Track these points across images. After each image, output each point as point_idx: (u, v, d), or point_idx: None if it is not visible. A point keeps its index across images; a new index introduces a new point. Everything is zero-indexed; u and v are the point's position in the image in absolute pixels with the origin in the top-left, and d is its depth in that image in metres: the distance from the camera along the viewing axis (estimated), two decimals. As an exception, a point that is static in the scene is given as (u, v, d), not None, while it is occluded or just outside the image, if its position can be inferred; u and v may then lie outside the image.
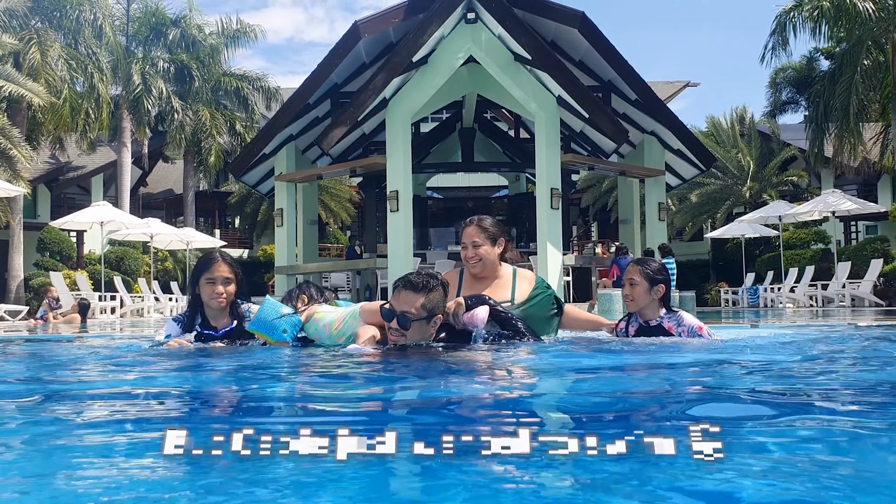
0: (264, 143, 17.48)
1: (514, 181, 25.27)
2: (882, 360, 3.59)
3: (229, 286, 4.00)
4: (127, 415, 2.09)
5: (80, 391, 2.67)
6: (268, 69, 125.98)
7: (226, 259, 4.09)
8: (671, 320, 4.08)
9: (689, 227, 31.93)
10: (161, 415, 2.13)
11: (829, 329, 5.87)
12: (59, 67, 22.29)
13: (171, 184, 37.48)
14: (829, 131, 23.44)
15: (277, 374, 3.11)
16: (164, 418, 2.06)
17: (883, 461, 1.51)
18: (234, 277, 4.03)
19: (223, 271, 4.00)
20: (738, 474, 1.36)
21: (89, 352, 4.65)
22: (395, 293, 3.56)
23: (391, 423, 1.95)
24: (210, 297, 3.98)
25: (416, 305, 3.45)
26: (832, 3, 20.88)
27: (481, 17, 14.76)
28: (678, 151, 17.99)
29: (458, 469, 1.38)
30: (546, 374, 3.04)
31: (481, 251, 4.04)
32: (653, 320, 4.10)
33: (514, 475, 1.36)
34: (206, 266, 4.03)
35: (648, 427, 1.78)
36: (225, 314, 4.07)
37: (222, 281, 3.98)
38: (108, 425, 1.92)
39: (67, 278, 19.81)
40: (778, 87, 42.45)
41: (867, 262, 19.93)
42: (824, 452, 1.55)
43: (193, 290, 4.08)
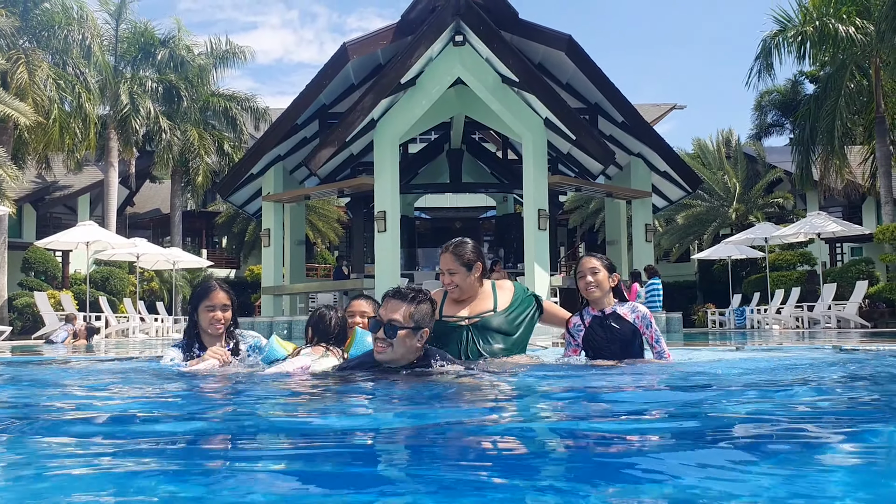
0: (252, 163, 17.47)
1: (501, 202, 25.33)
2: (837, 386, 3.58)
3: (227, 312, 4.21)
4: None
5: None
6: (257, 89, 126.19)
7: (223, 287, 4.30)
8: (624, 307, 4.23)
9: (676, 248, 32.06)
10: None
11: (784, 356, 5.81)
12: (47, 87, 22.25)
13: (158, 203, 37.37)
14: (816, 154, 23.69)
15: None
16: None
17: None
18: (231, 304, 4.25)
19: (222, 298, 4.21)
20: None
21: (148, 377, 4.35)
22: (383, 303, 3.58)
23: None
24: (209, 324, 4.17)
25: (403, 313, 3.46)
26: (816, 28, 21.17)
27: (469, 39, 14.86)
28: (665, 173, 18.09)
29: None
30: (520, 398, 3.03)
31: (456, 279, 4.14)
32: (607, 308, 4.22)
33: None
34: (206, 294, 4.23)
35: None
36: (221, 339, 4.25)
37: (221, 308, 4.19)
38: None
39: (52, 298, 19.67)
40: (763, 110, 42.92)
41: (853, 284, 20.04)
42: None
43: (192, 317, 4.28)
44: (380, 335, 3.46)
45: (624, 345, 4.15)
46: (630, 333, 4.17)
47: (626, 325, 4.18)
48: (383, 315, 3.49)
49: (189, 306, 4.44)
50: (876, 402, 2.85)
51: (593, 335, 4.21)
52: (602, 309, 4.22)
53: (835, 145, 22.51)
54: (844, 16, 21.25)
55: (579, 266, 4.28)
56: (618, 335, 4.15)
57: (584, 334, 4.25)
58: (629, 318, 4.19)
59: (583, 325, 4.26)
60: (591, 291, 4.19)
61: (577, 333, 4.28)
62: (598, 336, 4.19)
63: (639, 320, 4.20)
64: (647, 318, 4.21)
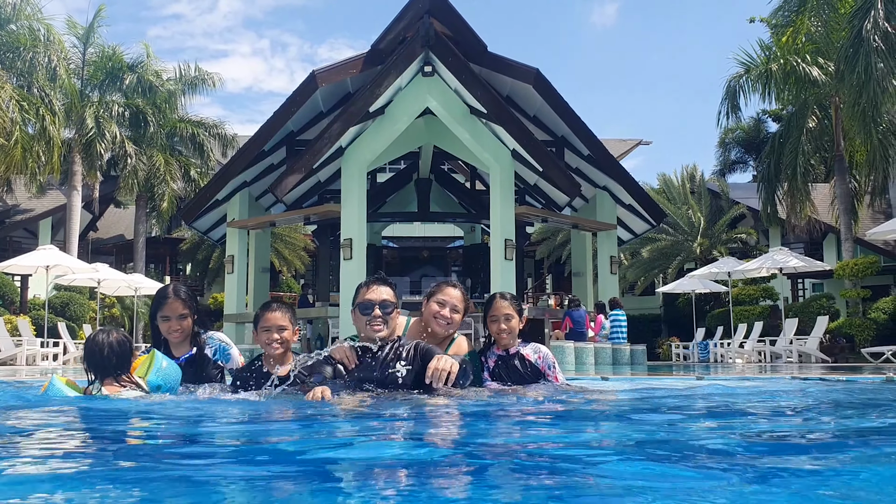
0: (217, 188, 17.33)
1: (469, 232, 25.37)
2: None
3: (184, 321, 4.13)
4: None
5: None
6: (226, 117, 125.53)
7: (179, 295, 4.16)
8: (526, 347, 4.30)
9: (641, 281, 32.30)
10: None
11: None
12: (9, 109, 21.94)
13: (122, 229, 36.88)
14: (780, 191, 24.09)
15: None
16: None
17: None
18: (189, 312, 4.15)
19: (176, 308, 4.12)
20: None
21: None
22: (369, 288, 3.91)
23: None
24: (167, 333, 4.14)
25: (390, 294, 3.89)
26: (781, 65, 21.65)
27: (438, 70, 14.95)
28: (630, 206, 18.27)
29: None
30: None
31: (456, 318, 4.20)
32: (511, 348, 4.26)
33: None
34: (160, 304, 4.15)
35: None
36: (185, 344, 4.20)
37: (177, 318, 4.11)
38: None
39: (9, 323, 19.23)
40: (727, 147, 43.77)
41: (814, 319, 20.29)
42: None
43: (153, 324, 4.20)
44: (377, 313, 3.82)
45: (529, 384, 4.18)
46: (533, 374, 4.21)
47: (529, 365, 4.22)
48: (374, 298, 3.85)
49: (150, 313, 4.35)
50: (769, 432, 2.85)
51: (498, 374, 4.21)
52: (507, 349, 4.26)
53: (797, 183, 22.91)
54: (808, 55, 21.78)
55: (492, 308, 4.27)
56: (522, 375, 4.18)
57: (489, 373, 4.25)
58: (531, 358, 4.24)
59: (489, 365, 4.27)
60: (503, 338, 4.24)
61: (484, 372, 4.28)
62: (503, 375, 4.20)
63: (541, 361, 4.25)
64: (548, 358, 4.28)
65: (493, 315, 4.23)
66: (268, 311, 4.07)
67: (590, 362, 14.90)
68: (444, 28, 14.98)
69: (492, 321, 4.23)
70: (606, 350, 15.83)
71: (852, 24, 18.85)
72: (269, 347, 3.99)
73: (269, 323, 4.01)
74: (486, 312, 4.27)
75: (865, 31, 18.15)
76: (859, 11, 18.70)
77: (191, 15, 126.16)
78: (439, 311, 4.17)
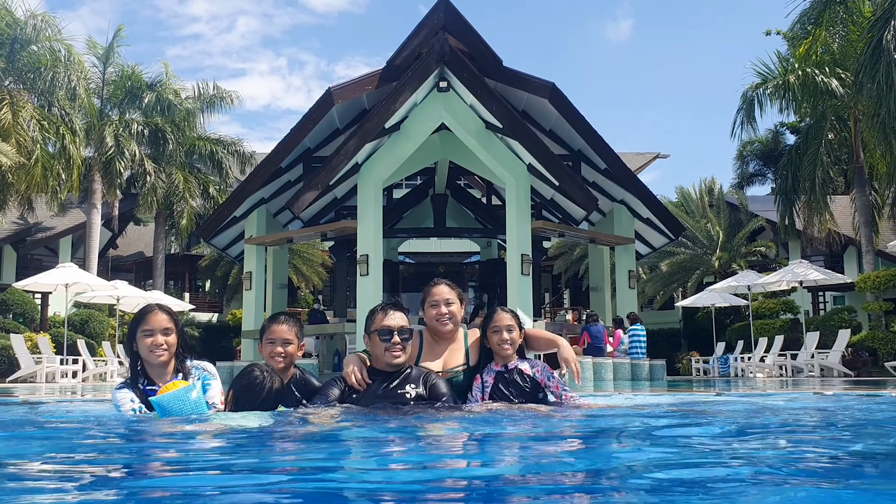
0: (235, 205, 17.41)
1: (485, 247, 25.33)
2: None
3: (169, 336, 3.72)
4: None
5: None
6: (244, 134, 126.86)
7: (163, 308, 3.82)
8: (523, 362, 4.26)
9: (660, 295, 32.07)
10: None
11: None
12: (30, 128, 22.19)
13: (141, 246, 37.14)
14: (799, 203, 23.86)
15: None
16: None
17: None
18: (175, 327, 3.76)
19: (161, 321, 3.72)
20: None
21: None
22: (385, 314, 3.94)
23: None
24: (149, 351, 3.68)
25: (406, 321, 3.93)
26: (799, 77, 21.48)
27: (453, 86, 14.97)
28: (648, 220, 18.16)
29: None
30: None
31: (453, 308, 4.18)
32: (510, 363, 4.21)
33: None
34: (142, 317, 3.74)
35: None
36: (168, 370, 3.77)
37: (161, 331, 3.70)
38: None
39: (29, 341, 19.36)
40: (745, 160, 43.48)
41: (835, 333, 20.03)
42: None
43: (131, 345, 3.77)
44: (396, 340, 3.85)
45: (530, 399, 4.13)
46: (533, 387, 4.16)
47: (528, 379, 4.18)
48: (392, 325, 3.88)
49: (128, 334, 3.86)
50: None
51: (499, 391, 4.15)
52: (505, 364, 4.21)
53: (816, 195, 22.70)
54: (826, 67, 21.61)
55: (494, 320, 4.23)
56: (523, 389, 4.14)
57: (490, 390, 4.17)
58: (529, 372, 4.20)
59: (489, 381, 4.20)
60: (505, 349, 4.18)
61: (485, 390, 4.18)
62: (504, 391, 4.14)
63: (539, 374, 4.20)
64: (546, 370, 4.25)
65: (494, 326, 4.20)
66: (275, 323, 4.03)
67: (608, 378, 14.77)
68: (459, 44, 15.02)
69: (493, 332, 4.19)
70: (625, 365, 15.69)
71: (871, 34, 18.69)
72: (273, 360, 3.93)
73: (274, 335, 3.97)
74: (487, 325, 4.24)
75: (885, 40, 17.97)
76: (879, 21, 18.54)
77: (209, 34, 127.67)
78: (436, 311, 4.18)
